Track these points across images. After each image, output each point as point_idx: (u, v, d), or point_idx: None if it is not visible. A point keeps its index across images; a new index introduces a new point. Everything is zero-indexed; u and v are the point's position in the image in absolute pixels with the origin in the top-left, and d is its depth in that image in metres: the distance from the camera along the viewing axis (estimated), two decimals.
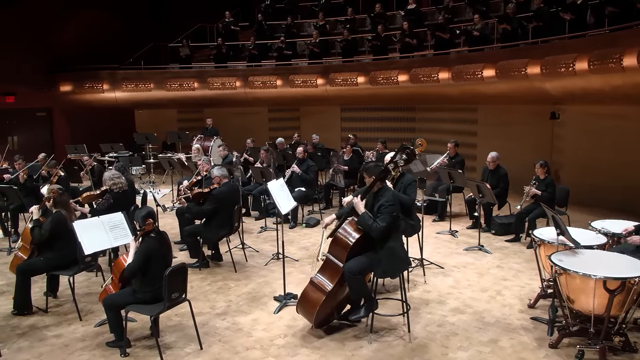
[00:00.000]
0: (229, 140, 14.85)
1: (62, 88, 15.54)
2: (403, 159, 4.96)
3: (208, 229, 7.19)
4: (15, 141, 15.62)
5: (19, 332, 5.56)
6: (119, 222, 5.80)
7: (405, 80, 13.01)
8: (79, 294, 6.49)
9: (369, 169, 5.09)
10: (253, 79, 14.94)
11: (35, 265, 5.92)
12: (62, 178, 9.08)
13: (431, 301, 6.12)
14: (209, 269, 7.41)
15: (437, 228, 9.12)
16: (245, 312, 5.93)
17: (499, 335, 5.30)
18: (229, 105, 16.12)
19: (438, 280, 6.77)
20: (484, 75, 11.25)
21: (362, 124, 15.70)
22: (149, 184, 13.54)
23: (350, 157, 10.98)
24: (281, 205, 5.87)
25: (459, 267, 7.27)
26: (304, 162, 9.85)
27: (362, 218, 4.93)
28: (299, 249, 8.25)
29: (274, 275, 7.08)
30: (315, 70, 14.57)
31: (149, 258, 4.81)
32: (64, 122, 16.44)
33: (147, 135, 14.18)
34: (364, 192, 5.07)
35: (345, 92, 14.33)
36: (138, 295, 4.89)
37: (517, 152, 11.31)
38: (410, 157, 5.03)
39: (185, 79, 15.27)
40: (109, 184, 7.11)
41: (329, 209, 10.81)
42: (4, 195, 8.23)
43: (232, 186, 7.41)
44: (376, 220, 4.85)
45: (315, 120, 16.41)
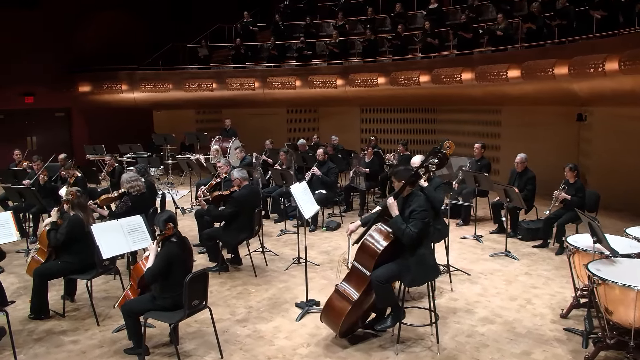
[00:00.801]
0: (247, 141, 14.75)
1: (81, 88, 15.54)
2: (435, 163, 4.74)
3: (228, 233, 7.03)
4: (35, 141, 15.65)
5: (35, 337, 5.45)
6: (137, 226, 5.65)
7: (427, 81, 12.76)
8: (97, 298, 6.38)
9: (399, 173, 4.88)
10: (272, 80, 14.80)
11: (52, 269, 5.80)
12: (79, 179, 8.99)
13: (459, 310, 5.89)
14: (229, 273, 7.25)
15: (461, 233, 8.86)
16: (267, 319, 5.76)
17: (531, 347, 5.06)
18: (247, 106, 16.00)
19: (465, 288, 6.53)
20: (508, 75, 10.97)
21: (382, 125, 15.47)
22: (167, 185, 13.46)
23: (372, 160, 10.77)
24: (304, 209, 5.68)
25: (486, 273, 7.02)
26: (324, 164, 9.66)
27: (395, 222, 4.71)
28: (319, 253, 8.06)
29: (295, 280, 6.90)
30: (335, 71, 14.39)
31: (170, 263, 4.65)
32: (83, 123, 16.44)
33: (165, 136, 14.10)
34: (394, 197, 4.86)
35: (365, 93, 14.12)
36: (157, 301, 4.74)
37: (541, 155, 10.99)
38: (443, 162, 4.81)
39: (204, 79, 15.17)
40: (126, 187, 6.98)
41: (349, 212, 10.61)
42: (21, 197, 8.15)
43: (252, 189, 7.25)
44: (408, 225, 4.64)
45: (334, 121, 16.21)
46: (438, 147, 5.15)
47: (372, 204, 11.24)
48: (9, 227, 6.07)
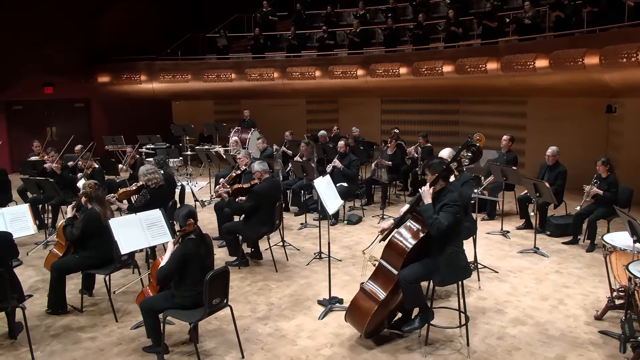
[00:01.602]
0: (265, 132, 14.57)
1: (100, 79, 15.47)
2: (467, 157, 4.50)
3: (248, 227, 6.86)
4: (54, 132, 15.65)
5: (52, 332, 5.34)
6: (156, 220, 5.50)
7: (451, 71, 12.43)
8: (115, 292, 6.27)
9: (432, 166, 4.65)
10: (291, 70, 14.58)
11: (69, 263, 5.68)
12: (97, 170, 8.89)
13: (488, 310, 5.66)
14: (249, 267, 7.09)
15: (486, 228, 8.59)
16: (288, 317, 5.58)
17: (566, 351, 4.82)
18: (266, 97, 15.81)
19: (493, 286, 6.29)
20: (536, 65, 10.61)
21: (403, 116, 15.19)
22: (186, 176, 13.35)
23: (394, 152, 10.51)
24: (328, 204, 5.47)
25: (515, 271, 6.77)
26: (345, 156, 9.44)
27: (427, 209, 4.48)
28: (341, 247, 7.86)
29: (317, 276, 6.72)
30: (356, 61, 14.12)
31: (186, 261, 4.49)
32: (102, 113, 16.41)
33: (184, 127, 13.98)
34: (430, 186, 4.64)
35: (386, 84, 13.83)
36: (176, 300, 4.59)
37: (568, 148, 10.62)
38: (476, 156, 4.56)
39: (223, 69, 15.00)
40: (144, 180, 6.84)
41: (371, 205, 10.39)
42: (40, 188, 8.07)
43: (273, 182, 7.06)
44: (438, 217, 4.42)
45: (354, 112, 15.97)
46: (470, 140, 4.90)
47: (393, 197, 11.02)
48: (26, 220, 6.02)
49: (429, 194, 4.54)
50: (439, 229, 4.34)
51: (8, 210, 5.96)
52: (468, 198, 5.57)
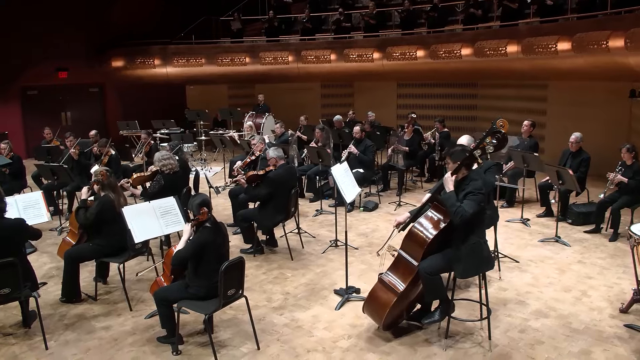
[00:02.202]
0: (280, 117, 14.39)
1: (114, 64, 15.36)
2: (493, 145, 4.31)
3: (264, 214, 6.74)
4: (69, 117, 15.64)
5: (66, 322, 5.29)
6: (170, 208, 5.42)
7: (469, 54, 12.12)
8: (130, 280, 6.20)
9: (455, 154, 4.47)
10: (306, 54, 14.36)
11: (83, 252, 5.62)
12: (114, 157, 8.81)
13: (509, 301, 5.50)
14: (264, 255, 7.00)
15: (506, 215, 8.38)
16: (304, 307, 5.48)
17: (590, 346, 4.67)
18: (280, 81, 15.62)
19: (514, 276, 6.13)
20: (558, 48, 10.29)
21: (420, 100, 14.93)
22: (201, 162, 13.28)
23: (411, 137, 10.31)
24: (345, 192, 5.33)
25: (536, 261, 6.60)
26: (361, 142, 9.27)
27: (449, 197, 4.30)
28: (357, 235, 7.73)
29: (333, 265, 6.60)
30: (372, 44, 13.84)
31: (202, 250, 4.39)
32: (116, 98, 16.35)
33: (198, 112, 13.87)
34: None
35: (402, 67, 13.54)
36: (191, 290, 4.50)
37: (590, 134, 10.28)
38: (501, 143, 4.37)
39: (237, 53, 14.81)
40: (159, 165, 6.75)
41: (387, 191, 10.23)
42: (54, 174, 8.02)
43: (288, 168, 6.92)
44: (462, 205, 4.25)
45: (369, 96, 15.73)
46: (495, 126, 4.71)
47: (410, 183, 10.85)
48: (40, 208, 5.96)
49: (451, 181, 4.36)
50: (463, 216, 4.18)
51: (21, 198, 5.90)
52: (491, 186, 5.40)
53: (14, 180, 8.83)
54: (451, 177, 4.36)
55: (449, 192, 4.32)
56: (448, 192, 4.32)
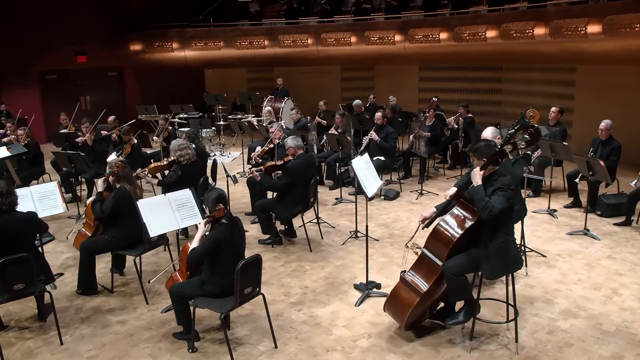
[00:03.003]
0: (299, 101, 14.21)
1: (132, 47, 15.23)
2: (525, 140, 4.05)
3: (282, 205, 6.58)
4: (88, 101, 15.60)
5: (82, 315, 5.22)
6: (186, 200, 5.28)
7: (495, 36, 11.71)
8: (147, 272, 6.14)
9: (480, 150, 4.24)
10: (326, 36, 14.05)
11: (99, 244, 5.53)
12: (136, 146, 8.70)
13: (536, 299, 5.29)
14: (282, 246, 6.86)
15: (532, 206, 8.03)
16: (323, 303, 5.33)
17: (622, 350, 4.44)
18: (299, 64, 15.36)
19: (541, 272, 5.89)
20: (588, 31, 9.86)
21: (442, 84, 14.57)
22: (219, 146, 13.16)
23: (433, 123, 10.02)
24: (367, 186, 5.12)
25: (564, 255, 6.35)
26: (382, 128, 9.02)
27: (477, 191, 4.07)
28: (378, 225, 7.54)
29: (353, 257, 6.43)
30: (393, 26, 13.46)
31: (218, 247, 4.24)
32: (135, 82, 16.26)
33: (216, 96, 13.71)
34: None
35: (425, 50, 13.15)
36: (207, 287, 4.37)
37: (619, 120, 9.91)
38: (534, 138, 4.10)
39: (255, 36, 14.56)
40: (176, 155, 6.61)
41: (409, 179, 10.00)
42: (71, 162, 7.94)
43: (307, 158, 6.73)
44: (490, 200, 4.02)
45: (390, 79, 15.40)
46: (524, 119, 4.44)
47: (432, 170, 10.59)
48: (55, 199, 5.87)
49: (479, 175, 4.12)
50: (492, 212, 3.95)
51: (36, 189, 5.82)
52: (519, 178, 5.14)
53: (32, 167, 8.81)
54: (479, 171, 4.13)
55: (476, 186, 4.09)
56: (476, 186, 4.09)
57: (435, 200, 8.59)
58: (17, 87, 14.09)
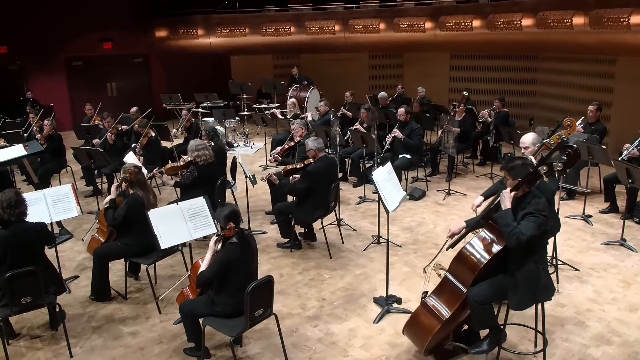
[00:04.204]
0: (325, 89, 13.92)
1: (158, 34, 15.09)
2: (562, 161, 3.70)
3: (301, 209, 6.35)
4: (114, 87, 15.58)
5: (94, 324, 5.11)
6: (199, 210, 5.09)
7: (530, 24, 11.16)
8: (161, 277, 6.02)
9: (514, 169, 3.89)
10: (353, 23, 13.64)
11: (112, 250, 5.40)
12: (153, 139, 8.55)
13: (567, 321, 4.96)
14: (301, 251, 6.65)
15: (565, 210, 7.67)
16: (341, 318, 5.10)
17: None
18: (326, 51, 15.00)
19: (573, 289, 5.55)
20: (631, 22, 9.27)
21: (474, 73, 14.03)
22: (243, 136, 12.97)
23: (463, 118, 9.61)
24: (388, 200, 4.83)
25: (598, 269, 5.97)
26: (406, 125, 8.63)
27: (504, 216, 3.76)
28: (401, 229, 7.26)
29: (374, 265, 6.18)
30: (424, 13, 12.97)
31: (228, 268, 4.04)
32: (161, 69, 16.17)
33: (241, 85, 13.49)
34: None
35: (456, 38, 12.65)
36: (217, 307, 4.18)
37: None
38: (572, 160, 3.73)
39: (281, 23, 14.24)
40: (193, 156, 6.41)
41: (436, 176, 9.64)
42: (90, 158, 7.84)
43: (329, 161, 6.46)
44: (518, 226, 3.71)
45: (420, 68, 14.92)
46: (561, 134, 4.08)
47: (461, 166, 10.21)
48: (69, 202, 5.74)
49: (509, 197, 3.80)
50: (519, 240, 3.64)
51: (50, 192, 5.68)
52: (553, 193, 4.78)
53: (53, 159, 8.76)
54: (510, 193, 3.81)
55: (505, 209, 3.78)
56: (504, 210, 3.78)
57: (463, 202, 8.26)
58: (43, 74, 14.14)
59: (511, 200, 3.78)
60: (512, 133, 8.46)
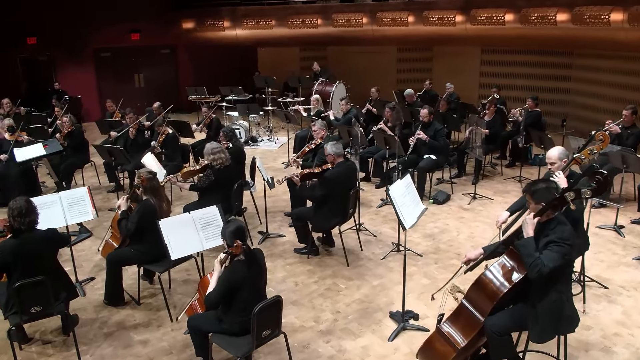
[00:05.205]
0: (351, 83, 13.67)
1: (184, 25, 15.04)
2: (590, 188, 3.44)
3: (319, 216, 6.20)
4: (142, 78, 15.63)
5: (105, 330, 5.08)
6: (212, 219, 4.98)
7: (566, 20, 10.70)
8: (176, 281, 5.96)
9: (538, 192, 3.64)
10: (381, 16, 13.32)
11: (125, 256, 5.36)
12: (170, 136, 8.48)
13: (592, 346, 4.70)
14: (318, 257, 6.51)
15: (596, 219, 7.30)
16: (354, 334, 4.95)
17: None
18: (353, 44, 14.71)
19: (601, 309, 5.27)
20: None
21: (506, 68, 13.60)
22: (267, 130, 12.86)
23: (493, 118, 9.29)
24: (405, 216, 4.62)
25: (628, 288, 5.66)
26: (430, 125, 8.35)
27: (526, 245, 3.53)
28: (423, 236, 7.04)
29: (392, 276, 6.00)
30: (454, 6, 12.57)
31: (234, 288, 3.91)
32: (188, 61, 16.16)
33: (266, 78, 13.34)
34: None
35: (488, 32, 12.23)
36: (225, 325, 4.07)
37: None
38: (602, 187, 3.46)
39: (308, 15, 14.01)
40: (209, 159, 6.31)
41: (462, 177, 9.36)
42: (111, 155, 7.82)
43: (348, 167, 6.27)
44: (540, 256, 3.48)
45: (449, 62, 14.54)
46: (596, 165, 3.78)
47: (489, 167, 9.89)
48: (85, 205, 5.71)
49: (532, 225, 3.57)
50: (540, 272, 3.41)
51: (66, 194, 5.65)
52: (581, 213, 4.51)
53: (75, 155, 8.78)
54: (533, 219, 3.57)
55: (527, 237, 3.55)
56: (526, 238, 3.55)
57: (489, 207, 7.99)
58: (72, 65, 14.26)
59: (534, 228, 3.54)
60: (543, 137, 8.12)
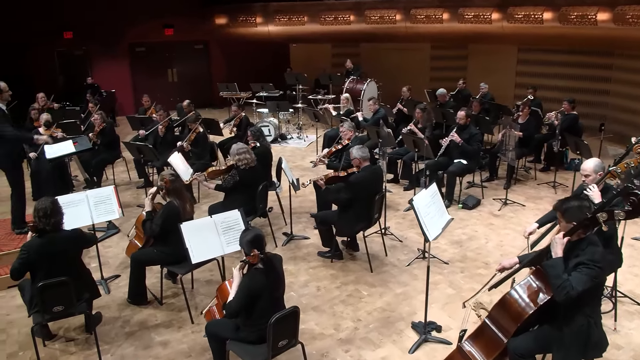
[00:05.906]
0: (383, 80, 13.50)
1: (217, 21, 15.11)
2: (624, 211, 3.26)
3: (343, 220, 6.11)
4: (175, 73, 15.76)
5: (127, 330, 5.12)
6: (234, 223, 4.94)
7: (607, 19, 10.34)
8: (199, 281, 5.98)
9: (569, 211, 3.47)
10: (415, 12, 13.11)
11: (148, 257, 5.39)
12: (201, 135, 8.50)
13: None
14: (342, 262, 6.42)
15: (632, 230, 6.99)
16: (374, 344, 4.86)
17: None
18: (386, 41, 14.54)
19: (634, 327, 5.05)
20: None
21: (543, 68, 13.22)
22: (296, 128, 12.81)
23: (527, 120, 9.02)
24: (430, 228, 4.49)
25: None
26: (466, 128, 8.16)
27: (554, 265, 3.38)
28: (450, 243, 6.89)
29: (416, 284, 5.87)
30: (491, 3, 12.27)
31: (253, 297, 3.87)
32: (220, 56, 16.24)
33: (297, 75, 13.29)
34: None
35: (525, 30, 11.91)
36: (242, 333, 4.03)
37: None
38: (637, 209, 3.28)
39: (341, 11, 13.90)
40: (234, 160, 6.29)
41: (494, 181, 9.14)
42: (140, 153, 7.88)
43: (374, 171, 6.17)
44: (569, 278, 3.32)
45: (485, 60, 14.23)
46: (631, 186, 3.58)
47: (522, 171, 9.63)
48: (112, 204, 5.75)
49: (561, 245, 3.40)
50: (568, 295, 3.25)
51: (92, 193, 5.71)
52: (614, 229, 4.31)
53: (107, 151, 8.88)
54: (563, 239, 3.41)
55: (555, 257, 3.39)
56: (554, 259, 3.39)
57: (520, 214, 7.76)
58: (107, 60, 14.47)
59: (564, 248, 3.38)
60: (579, 143, 7.82)
